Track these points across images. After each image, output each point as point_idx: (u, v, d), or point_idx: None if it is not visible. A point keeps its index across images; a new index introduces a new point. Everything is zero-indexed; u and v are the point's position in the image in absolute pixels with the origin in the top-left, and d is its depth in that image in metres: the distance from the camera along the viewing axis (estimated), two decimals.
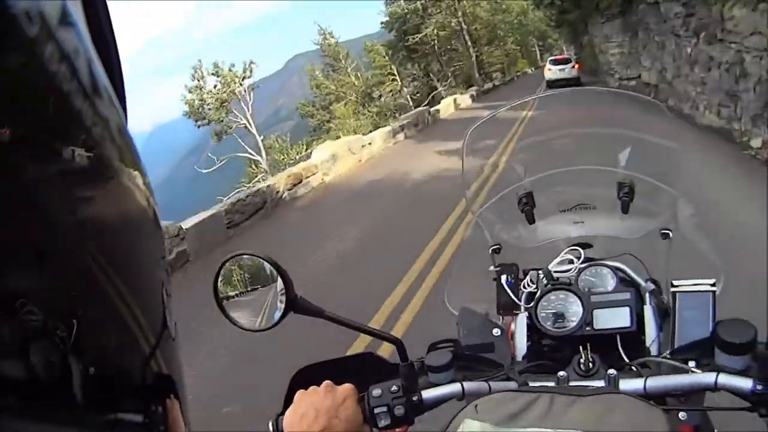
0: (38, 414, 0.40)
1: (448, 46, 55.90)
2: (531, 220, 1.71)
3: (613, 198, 1.62)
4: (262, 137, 32.11)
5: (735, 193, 6.42)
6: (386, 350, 1.84)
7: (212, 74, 30.06)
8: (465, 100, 27.59)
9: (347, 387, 1.06)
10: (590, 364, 1.14)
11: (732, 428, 1.26)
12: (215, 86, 29.87)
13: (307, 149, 29.86)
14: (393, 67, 46.19)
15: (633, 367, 1.12)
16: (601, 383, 1.02)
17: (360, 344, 3.72)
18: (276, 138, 34.36)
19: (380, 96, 45.41)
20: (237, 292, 1.11)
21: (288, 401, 1.08)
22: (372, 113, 45.52)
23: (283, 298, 1.05)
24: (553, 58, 37.15)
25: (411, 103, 45.19)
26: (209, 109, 30.64)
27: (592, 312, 1.32)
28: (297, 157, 26.22)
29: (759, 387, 0.95)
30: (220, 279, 1.07)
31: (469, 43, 52.01)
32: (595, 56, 24.73)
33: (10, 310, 0.38)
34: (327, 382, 1.06)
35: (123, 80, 0.58)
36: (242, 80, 30.91)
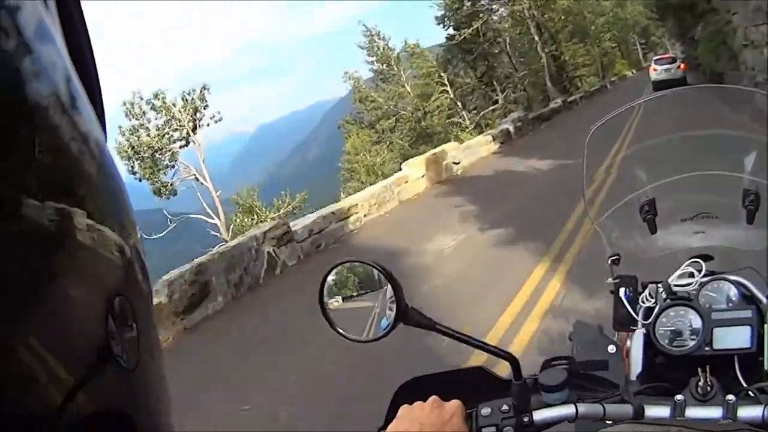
0: None
1: (519, 44, 38.02)
2: (653, 229, 1.70)
3: (738, 206, 1.59)
4: (218, 192, 27.05)
5: None
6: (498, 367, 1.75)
7: (154, 109, 25.52)
8: (477, 148, 20.69)
9: (454, 403, 1.04)
10: (708, 388, 1.12)
11: None
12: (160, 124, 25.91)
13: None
14: (443, 74, 32.08)
15: (751, 392, 1.10)
16: (718, 410, 1.04)
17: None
18: (248, 191, 28.45)
19: (425, 114, 31.75)
20: (343, 299, 1.12)
21: (391, 415, 1.07)
22: (404, 141, 40.62)
23: (393, 307, 1.04)
24: (658, 57, 36.16)
25: (467, 122, 40.24)
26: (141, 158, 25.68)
27: (712, 330, 1.30)
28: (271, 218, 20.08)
29: None
30: (326, 288, 1.09)
31: (537, 39, 36.18)
32: (715, 53, 20.66)
33: None
34: (434, 396, 1.04)
35: (101, 95, 0.65)
36: (194, 114, 26.26)
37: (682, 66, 28.95)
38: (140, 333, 0.60)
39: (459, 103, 36.82)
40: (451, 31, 37.69)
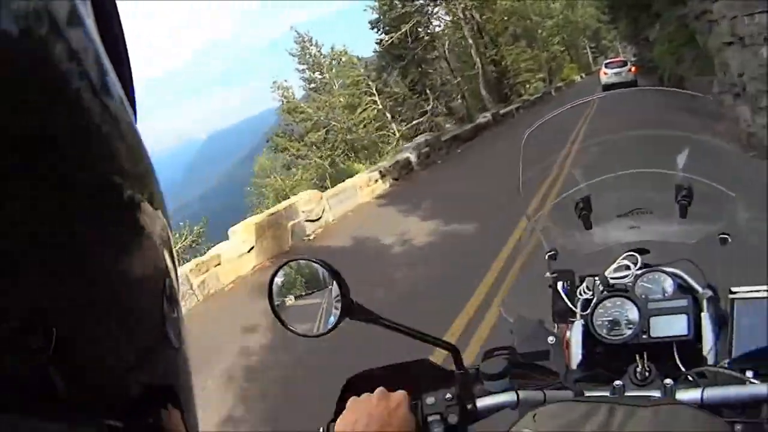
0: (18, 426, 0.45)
1: (457, 48, 31.83)
2: (588, 226, 1.82)
3: (671, 202, 1.73)
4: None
5: None
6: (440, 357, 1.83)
7: None
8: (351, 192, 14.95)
9: (400, 394, 1.13)
10: (646, 374, 1.18)
11: None
12: None
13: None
14: (371, 83, 25.34)
15: (690, 377, 1.17)
16: (657, 393, 1.09)
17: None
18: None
19: (350, 127, 25.04)
20: (293, 296, 1.19)
21: (340, 408, 1.15)
22: (335, 156, 28.81)
23: (339, 303, 1.09)
24: (608, 60, 36.85)
25: (397, 134, 36.16)
26: None
27: (648, 319, 1.42)
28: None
29: None
30: (275, 285, 1.15)
31: (471, 42, 29.39)
32: (676, 54, 19.52)
33: None
34: (380, 388, 1.13)
35: (132, 79, 0.68)
36: None
37: (633, 69, 30.35)
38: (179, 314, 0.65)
39: (388, 114, 31.68)
40: (384, 36, 32.53)
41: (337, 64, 36.53)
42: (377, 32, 36.13)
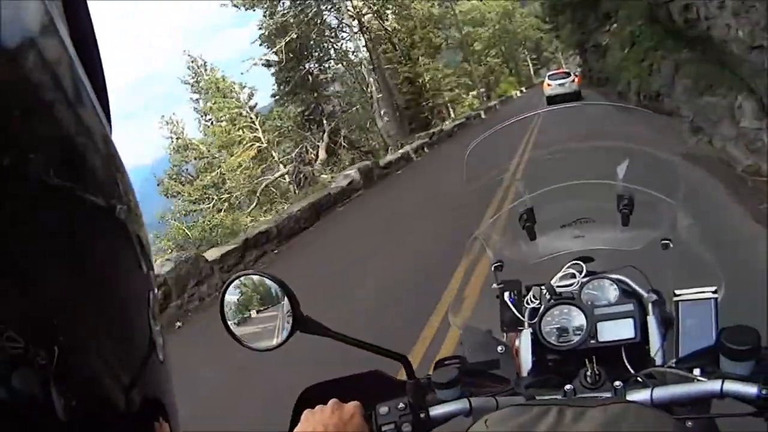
0: None
1: (358, 68, 22.24)
2: (532, 236, 1.98)
3: (613, 211, 1.88)
4: None
5: None
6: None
7: None
8: None
9: (354, 405, 1.22)
10: (596, 377, 1.29)
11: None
12: None
13: None
14: (253, 116, 13.95)
15: (639, 378, 1.30)
16: (607, 395, 1.21)
17: None
18: None
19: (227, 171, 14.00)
20: (248, 312, 1.26)
21: (294, 421, 1.24)
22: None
23: (290, 317, 1.19)
24: (552, 72, 37.35)
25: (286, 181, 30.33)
26: None
27: (595, 325, 1.55)
28: None
29: (765, 392, 1.08)
30: (230, 305, 1.24)
31: (369, 56, 17.88)
32: (641, 63, 16.95)
33: None
34: (333, 400, 1.23)
35: (106, 89, 0.70)
36: None
37: (577, 80, 33.35)
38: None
39: (274, 154, 23.81)
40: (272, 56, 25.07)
41: (216, 91, 28.49)
42: (267, 48, 28.43)
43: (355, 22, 31.64)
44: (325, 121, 31.78)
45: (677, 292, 1.47)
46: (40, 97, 0.43)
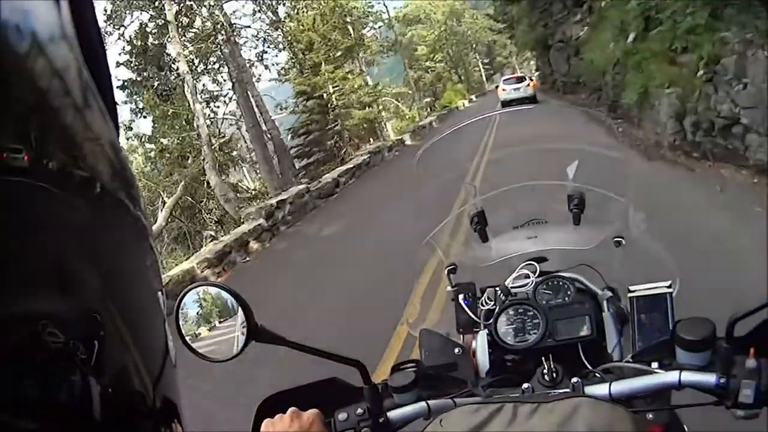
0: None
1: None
2: (484, 239, 2.01)
3: (565, 211, 1.92)
4: None
5: None
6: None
7: None
8: None
9: (313, 412, 1.26)
10: (554, 374, 1.29)
11: (702, 422, 1.54)
12: None
13: None
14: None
15: (597, 374, 1.32)
16: (566, 392, 1.22)
17: None
18: None
19: None
20: (204, 323, 1.27)
21: (255, 431, 1.29)
22: None
23: (245, 327, 1.19)
24: (506, 77, 37.13)
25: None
26: None
27: (551, 323, 1.58)
28: None
29: (722, 380, 1.12)
30: (188, 316, 1.25)
31: (231, 71, 8.35)
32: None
33: (34, 332, 0.45)
34: (292, 408, 1.26)
35: (114, 94, 0.71)
36: None
37: (533, 84, 33.58)
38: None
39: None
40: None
41: None
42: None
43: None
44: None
45: (632, 288, 1.51)
46: (48, 102, 0.44)
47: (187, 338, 1.18)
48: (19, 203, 0.42)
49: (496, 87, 39.02)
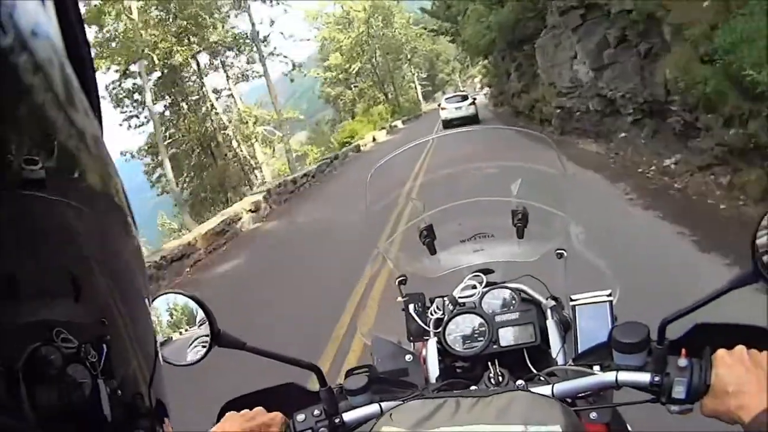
0: None
1: None
2: (432, 251, 2.10)
3: (509, 225, 2.03)
4: None
5: None
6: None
7: None
8: None
9: (273, 414, 1.37)
10: (500, 378, 1.42)
11: (647, 420, 1.61)
12: None
13: None
14: None
15: (541, 377, 1.42)
16: None
17: None
18: None
19: None
20: (173, 330, 1.33)
21: None
22: None
23: (208, 333, 1.27)
24: (449, 96, 35.64)
25: None
26: None
27: (497, 331, 1.68)
28: None
29: (656, 379, 1.21)
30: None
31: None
32: None
33: (49, 338, 0.47)
34: (259, 408, 1.36)
35: (98, 91, 0.67)
36: None
37: (475, 102, 35.24)
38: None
39: None
40: None
41: None
42: None
43: None
44: None
45: (573, 297, 1.59)
46: (31, 99, 0.44)
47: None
48: (35, 214, 0.45)
49: (439, 105, 36.64)
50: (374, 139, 37.28)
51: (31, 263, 0.45)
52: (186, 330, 1.25)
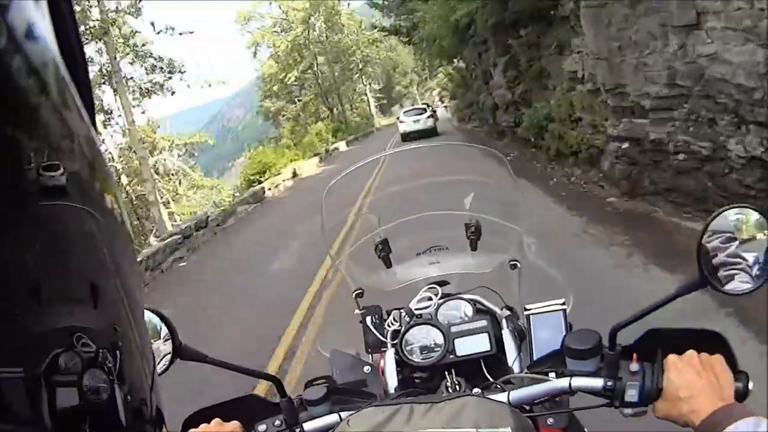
0: None
1: None
2: (388, 265, 2.18)
3: (463, 238, 2.12)
4: None
5: None
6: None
7: None
8: None
9: (234, 424, 1.42)
10: (457, 387, 1.53)
11: (604, 424, 1.64)
12: None
13: None
14: None
15: (497, 385, 1.49)
16: None
17: None
18: None
19: None
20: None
21: None
22: None
23: (170, 346, 1.35)
24: (407, 109, 36.49)
25: None
26: None
27: (453, 341, 1.74)
28: None
29: (609, 383, 1.28)
30: None
31: None
32: None
33: (70, 343, 0.49)
34: (216, 419, 1.42)
35: (91, 92, 0.68)
36: None
37: (435, 114, 37.12)
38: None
39: None
40: None
41: None
42: None
43: None
44: None
45: (528, 306, 1.65)
46: (25, 100, 0.45)
47: None
48: (60, 222, 0.48)
49: (398, 118, 36.04)
50: (295, 174, 26.70)
51: (51, 270, 0.47)
52: (156, 342, 1.30)
